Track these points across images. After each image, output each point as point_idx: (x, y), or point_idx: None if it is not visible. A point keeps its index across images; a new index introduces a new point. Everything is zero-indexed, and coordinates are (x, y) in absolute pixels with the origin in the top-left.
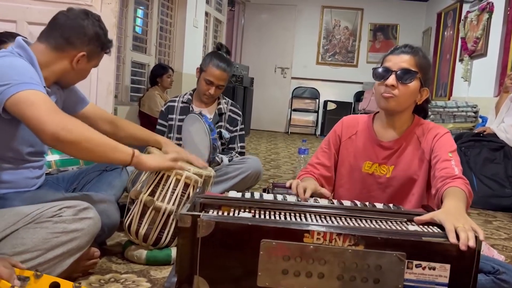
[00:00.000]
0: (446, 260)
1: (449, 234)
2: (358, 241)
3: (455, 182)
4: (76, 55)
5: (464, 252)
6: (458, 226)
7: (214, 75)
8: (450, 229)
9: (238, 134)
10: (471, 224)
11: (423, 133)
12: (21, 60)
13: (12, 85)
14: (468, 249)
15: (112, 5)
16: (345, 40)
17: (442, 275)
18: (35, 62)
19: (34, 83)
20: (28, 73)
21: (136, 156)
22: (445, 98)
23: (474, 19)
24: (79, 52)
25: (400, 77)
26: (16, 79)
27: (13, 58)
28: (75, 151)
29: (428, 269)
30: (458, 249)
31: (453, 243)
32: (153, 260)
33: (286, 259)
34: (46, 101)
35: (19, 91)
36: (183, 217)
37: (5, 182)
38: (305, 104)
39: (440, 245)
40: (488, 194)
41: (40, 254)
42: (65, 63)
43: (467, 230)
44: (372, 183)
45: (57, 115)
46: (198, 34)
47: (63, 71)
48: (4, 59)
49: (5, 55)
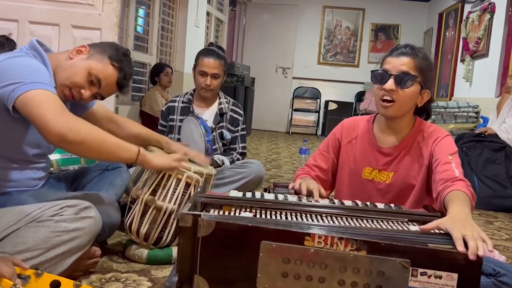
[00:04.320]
0: (453, 269)
1: (456, 243)
2: (360, 246)
3: (456, 185)
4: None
5: (472, 262)
6: (466, 234)
7: (205, 64)
8: (457, 237)
9: (240, 134)
10: (479, 233)
11: (424, 139)
12: (35, 60)
13: (23, 84)
14: (477, 258)
15: (113, 4)
16: (346, 40)
17: (449, 285)
18: (47, 64)
19: (44, 83)
20: (41, 73)
21: (141, 155)
22: (446, 98)
23: (476, 19)
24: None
25: (399, 82)
26: (28, 78)
27: (28, 58)
28: (81, 150)
29: (434, 277)
30: (466, 258)
31: (461, 252)
32: (154, 259)
33: (286, 262)
34: (54, 101)
35: (29, 90)
36: (184, 216)
37: (10, 180)
38: (306, 104)
39: (447, 253)
40: (490, 195)
41: (41, 253)
42: (65, 55)
43: (476, 238)
44: (372, 189)
45: (63, 115)
46: (200, 34)
47: (59, 62)
48: (19, 59)
49: (21, 55)
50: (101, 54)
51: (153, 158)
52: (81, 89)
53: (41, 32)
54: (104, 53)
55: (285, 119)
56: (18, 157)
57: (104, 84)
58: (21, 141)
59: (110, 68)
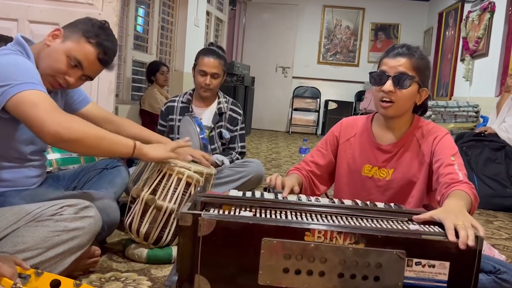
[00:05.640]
0: (445, 257)
1: (448, 232)
2: (358, 239)
3: (459, 187)
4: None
5: (463, 250)
6: (458, 224)
7: (205, 63)
8: (449, 227)
9: (239, 133)
10: (471, 221)
11: (423, 135)
12: (22, 57)
13: (13, 85)
14: (468, 246)
15: (113, 4)
16: (346, 40)
17: (442, 273)
18: (32, 59)
19: (35, 83)
20: (29, 71)
21: (138, 148)
22: (446, 98)
23: (476, 18)
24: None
25: (397, 82)
26: (17, 79)
27: (15, 56)
28: (77, 148)
29: (427, 266)
30: (457, 247)
31: (452, 241)
32: (154, 258)
33: (287, 257)
34: (45, 100)
35: (20, 91)
36: (184, 215)
37: (4, 180)
38: (306, 104)
39: (439, 243)
40: (490, 194)
41: (41, 253)
42: (42, 44)
43: (467, 227)
44: (372, 186)
45: (57, 114)
46: (199, 33)
47: (39, 53)
48: (7, 57)
49: (7, 53)
50: (75, 33)
51: (149, 150)
52: (65, 76)
53: (40, 31)
54: (78, 32)
55: (285, 118)
56: (12, 155)
57: (85, 64)
58: (14, 139)
59: (87, 46)
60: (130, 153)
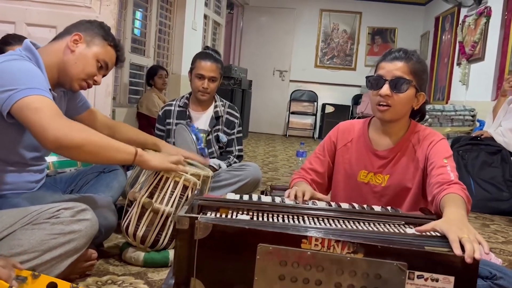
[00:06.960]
0: (450, 272)
1: (453, 245)
2: (357, 248)
3: (452, 188)
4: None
5: (468, 264)
6: (463, 237)
7: (202, 67)
8: (454, 240)
9: (236, 137)
10: (475, 235)
11: (419, 141)
12: (30, 64)
13: (19, 90)
14: (474, 261)
15: (111, 7)
16: (343, 44)
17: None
18: (41, 64)
19: (41, 88)
20: (36, 77)
21: (139, 155)
22: (442, 101)
23: (472, 23)
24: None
25: (394, 86)
26: (23, 84)
27: (23, 61)
28: (78, 155)
29: (430, 280)
30: (462, 261)
31: (458, 255)
32: (151, 262)
33: (283, 264)
34: (49, 106)
35: (25, 96)
36: (181, 219)
37: (7, 183)
38: (303, 107)
39: (444, 256)
40: (486, 198)
41: (37, 256)
42: (63, 51)
43: (472, 241)
44: (368, 192)
45: (59, 121)
46: (197, 36)
47: (61, 61)
48: (14, 63)
49: (15, 58)
50: (96, 38)
51: (151, 158)
52: (94, 77)
53: (38, 34)
54: (98, 36)
55: (282, 122)
56: (15, 160)
57: (110, 65)
58: (18, 144)
59: (109, 49)
60: (131, 160)
